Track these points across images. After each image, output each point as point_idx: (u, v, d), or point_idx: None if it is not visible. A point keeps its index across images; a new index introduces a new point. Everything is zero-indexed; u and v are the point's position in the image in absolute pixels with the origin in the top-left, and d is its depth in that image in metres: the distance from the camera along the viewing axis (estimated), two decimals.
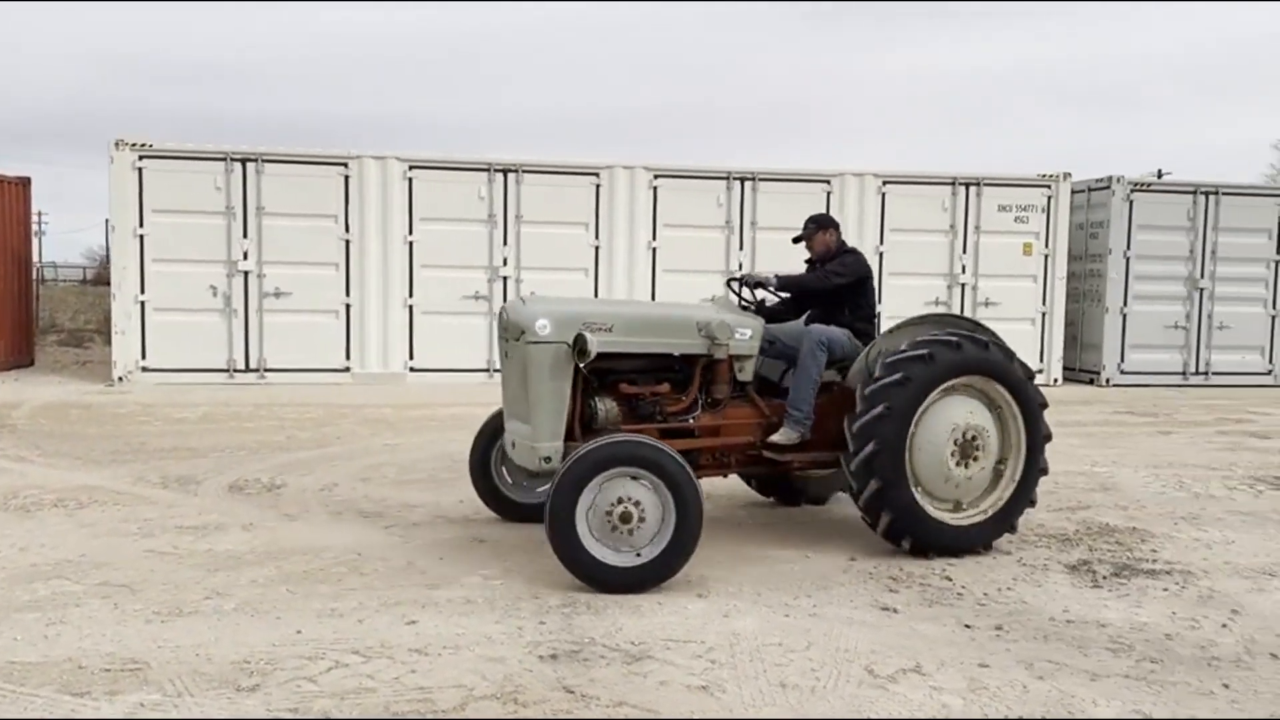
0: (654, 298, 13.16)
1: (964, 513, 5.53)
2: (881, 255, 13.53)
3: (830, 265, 5.97)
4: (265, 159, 12.58)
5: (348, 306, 12.84)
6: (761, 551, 5.52)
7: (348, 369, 12.88)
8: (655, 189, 13.44)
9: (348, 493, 6.82)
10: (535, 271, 13.14)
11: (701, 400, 5.54)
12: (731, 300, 5.99)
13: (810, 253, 6.17)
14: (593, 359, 5.03)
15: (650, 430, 5.27)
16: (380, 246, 12.85)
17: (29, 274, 15.04)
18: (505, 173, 13.13)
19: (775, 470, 5.90)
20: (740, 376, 5.60)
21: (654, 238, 13.45)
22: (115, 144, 12.28)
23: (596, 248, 13.35)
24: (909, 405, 5.27)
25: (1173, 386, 14.48)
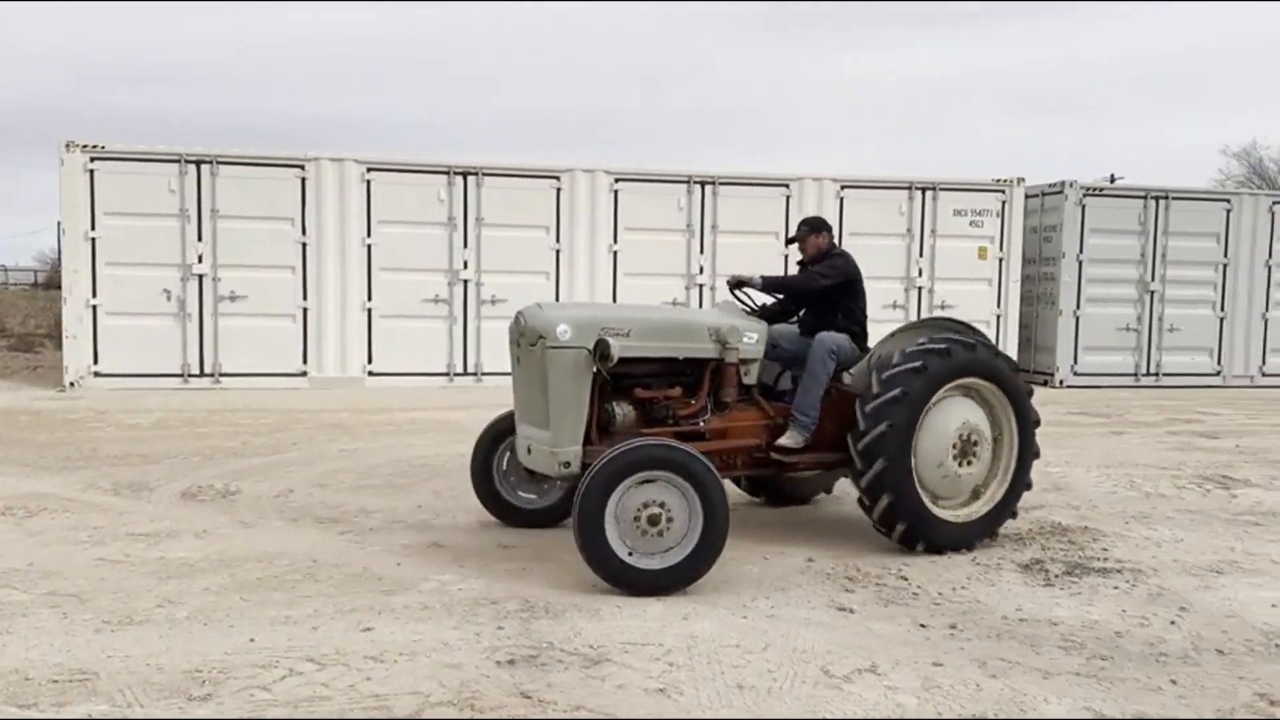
0: (614, 301, 13.17)
1: (968, 509, 5.74)
2: None
3: (817, 267, 6.07)
4: (220, 161, 12.43)
5: (304, 310, 12.71)
6: (721, 554, 5.53)
7: (305, 373, 12.75)
8: (616, 192, 13.46)
9: (304, 499, 6.75)
10: (496, 275, 13.11)
11: (710, 404, 5.62)
12: (735, 305, 6.06)
13: (803, 255, 6.28)
14: (612, 364, 5.08)
15: (664, 434, 5.34)
16: (338, 249, 12.74)
17: None
18: (465, 175, 13.07)
19: (781, 472, 6.02)
20: (746, 380, 5.69)
21: (615, 241, 13.46)
22: (66, 146, 12.07)
23: (557, 251, 13.33)
24: (910, 418, 5.44)
25: (1125, 387, 14.75)
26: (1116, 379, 14.85)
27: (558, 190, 13.30)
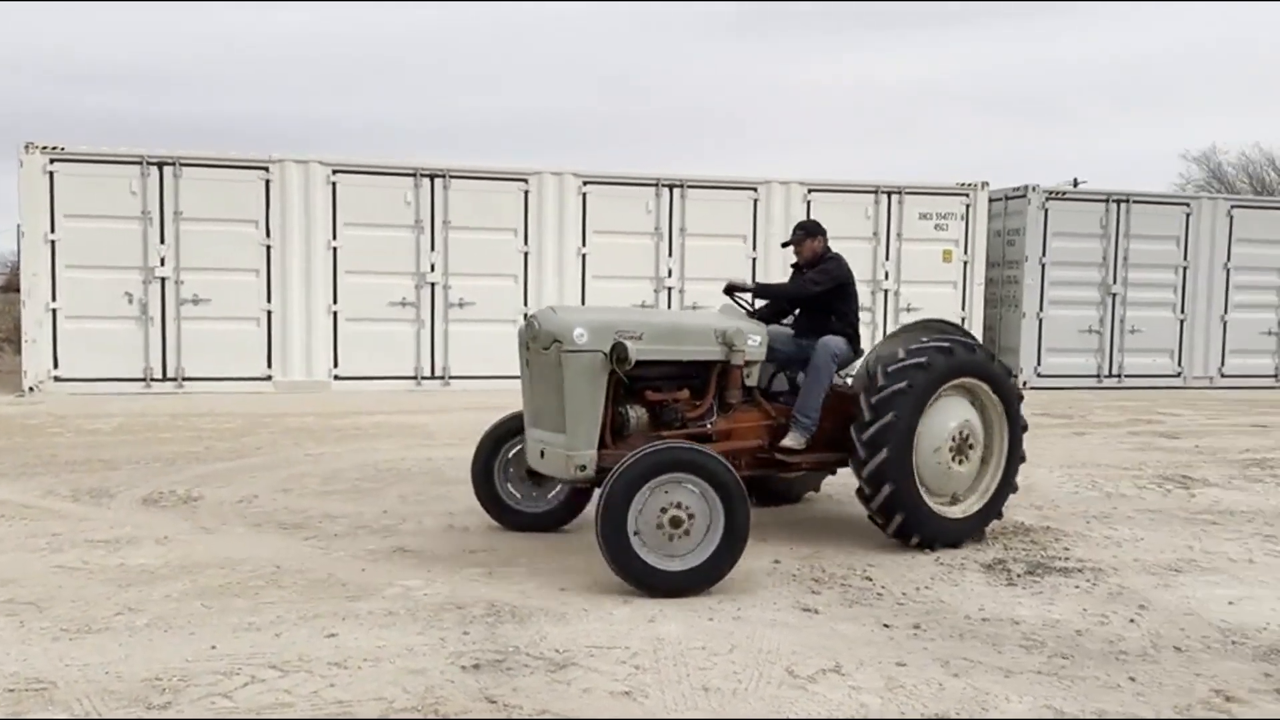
0: (583, 304, 13.17)
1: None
2: None
3: (810, 274, 6.17)
4: (183, 162, 12.28)
5: (269, 313, 12.59)
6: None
7: (269, 377, 12.63)
8: (584, 195, 13.45)
9: (267, 504, 6.68)
10: (463, 278, 13.07)
11: (715, 406, 5.67)
12: (735, 308, 6.13)
13: (799, 258, 6.37)
14: (630, 367, 5.11)
15: (675, 436, 5.38)
16: (303, 252, 12.62)
17: None
18: (432, 178, 13.01)
19: (784, 472, 6.09)
20: (748, 382, 5.77)
21: (584, 244, 13.45)
22: (25, 147, 11.88)
23: (526, 254, 13.30)
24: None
25: (1087, 389, 14.93)
26: (1079, 380, 15.03)
27: (526, 193, 13.27)
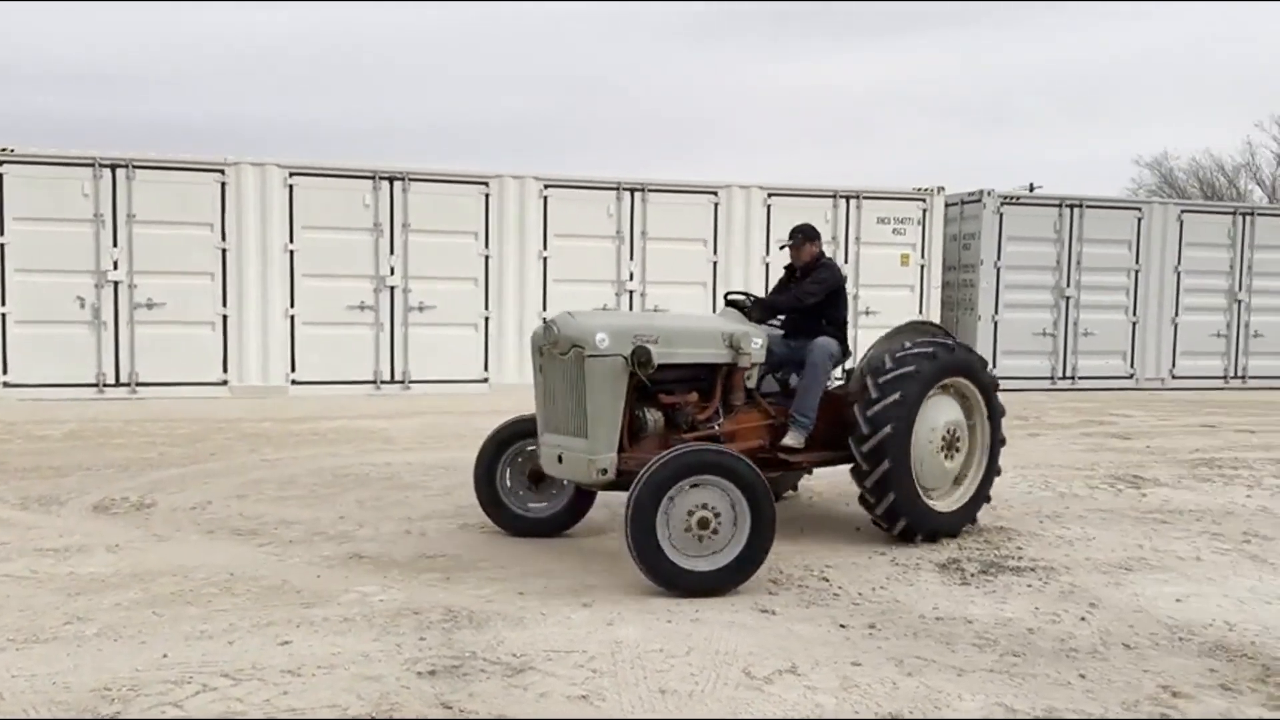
0: (545, 308, 13.16)
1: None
2: (768, 266, 13.80)
3: (804, 285, 6.32)
4: (136, 165, 12.10)
5: (224, 318, 12.43)
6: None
7: (225, 382, 12.47)
8: (545, 199, 13.44)
9: (222, 510, 6.60)
10: (423, 281, 12.99)
11: (720, 407, 5.76)
12: (735, 312, 6.20)
13: (796, 262, 6.53)
14: (652, 370, 5.18)
15: (692, 438, 5.44)
16: (259, 255, 12.48)
17: None
18: (392, 180, 12.93)
19: (785, 471, 6.20)
20: (749, 383, 5.88)
21: (545, 247, 13.43)
22: None
23: (486, 257, 13.26)
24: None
25: (1042, 390, 15.15)
26: (1034, 382, 15.24)
27: (486, 196, 13.23)
